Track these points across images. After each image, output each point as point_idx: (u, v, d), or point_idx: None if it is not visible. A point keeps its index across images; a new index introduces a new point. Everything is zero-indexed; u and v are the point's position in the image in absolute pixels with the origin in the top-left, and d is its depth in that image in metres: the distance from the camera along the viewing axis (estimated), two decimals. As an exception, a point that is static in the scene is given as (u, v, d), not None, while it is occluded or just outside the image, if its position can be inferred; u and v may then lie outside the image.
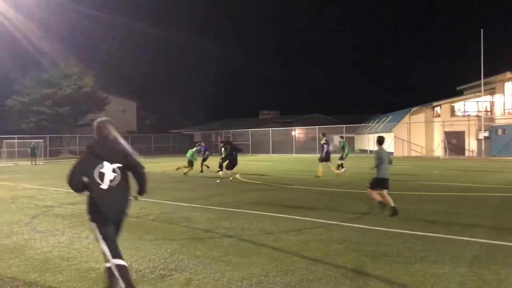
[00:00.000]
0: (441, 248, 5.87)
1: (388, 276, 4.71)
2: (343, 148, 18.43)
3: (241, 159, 19.03)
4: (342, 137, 27.76)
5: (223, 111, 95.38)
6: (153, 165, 25.64)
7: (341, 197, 11.56)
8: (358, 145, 51.33)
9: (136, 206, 8.49)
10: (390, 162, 8.68)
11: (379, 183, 8.55)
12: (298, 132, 55.52)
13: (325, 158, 17.12)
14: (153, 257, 5.65)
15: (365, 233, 6.94)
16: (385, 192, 8.50)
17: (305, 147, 50.33)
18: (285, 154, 43.72)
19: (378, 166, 8.53)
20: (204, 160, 20.75)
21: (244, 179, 16.68)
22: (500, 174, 17.69)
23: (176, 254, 5.75)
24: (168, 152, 52.43)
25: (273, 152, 44.72)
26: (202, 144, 21.36)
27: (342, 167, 17.59)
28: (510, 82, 35.93)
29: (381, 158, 8.54)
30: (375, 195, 8.57)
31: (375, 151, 8.82)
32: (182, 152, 40.12)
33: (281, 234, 6.95)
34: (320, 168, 17.07)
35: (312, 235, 6.82)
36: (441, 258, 5.38)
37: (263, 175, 18.81)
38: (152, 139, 54.96)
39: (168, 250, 5.99)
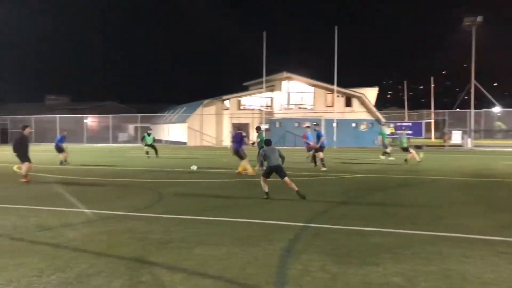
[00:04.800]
0: (222, 231, 6.34)
1: (170, 262, 4.85)
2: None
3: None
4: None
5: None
6: None
7: (131, 187, 11.39)
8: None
9: None
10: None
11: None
12: (90, 121, 52.38)
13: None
14: None
15: (152, 221, 7.00)
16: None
17: (97, 136, 47.81)
18: (76, 144, 40.69)
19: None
20: None
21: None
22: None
23: None
24: None
25: (61, 141, 40.95)
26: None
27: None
28: (286, 81, 41.07)
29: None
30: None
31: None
32: None
33: (62, 229, 6.45)
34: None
35: (97, 228, 6.53)
36: (221, 240, 5.80)
37: (53, 166, 17.14)
38: None
39: None
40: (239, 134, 14.68)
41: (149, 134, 22.58)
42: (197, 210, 8.00)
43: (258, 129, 16.94)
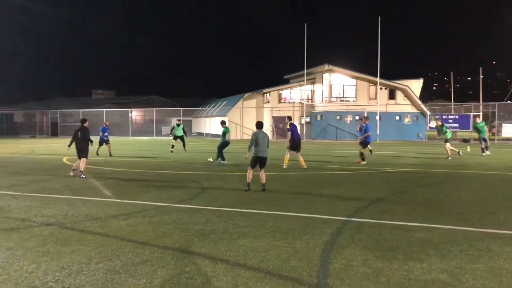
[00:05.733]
0: (262, 223, 6.37)
1: (213, 253, 4.93)
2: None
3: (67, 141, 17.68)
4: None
5: (49, 89, 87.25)
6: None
7: (173, 179, 11.63)
8: (195, 128, 52.15)
9: None
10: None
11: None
12: (135, 114, 53.86)
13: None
14: (-48, 253, 4.89)
15: (194, 213, 7.13)
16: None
17: (142, 129, 49.12)
18: (121, 137, 42.03)
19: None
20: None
21: (71, 163, 15.50)
22: (315, 156, 19.92)
23: (-18, 248, 5.08)
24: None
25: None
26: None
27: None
28: (327, 73, 40.53)
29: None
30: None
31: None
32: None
33: (108, 219, 6.69)
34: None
35: (142, 218, 6.72)
36: (261, 233, 5.84)
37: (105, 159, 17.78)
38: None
39: (-28, 244, 5.26)
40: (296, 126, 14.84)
41: (178, 125, 22.45)
42: (236, 202, 8.07)
43: (223, 123, 17.35)
